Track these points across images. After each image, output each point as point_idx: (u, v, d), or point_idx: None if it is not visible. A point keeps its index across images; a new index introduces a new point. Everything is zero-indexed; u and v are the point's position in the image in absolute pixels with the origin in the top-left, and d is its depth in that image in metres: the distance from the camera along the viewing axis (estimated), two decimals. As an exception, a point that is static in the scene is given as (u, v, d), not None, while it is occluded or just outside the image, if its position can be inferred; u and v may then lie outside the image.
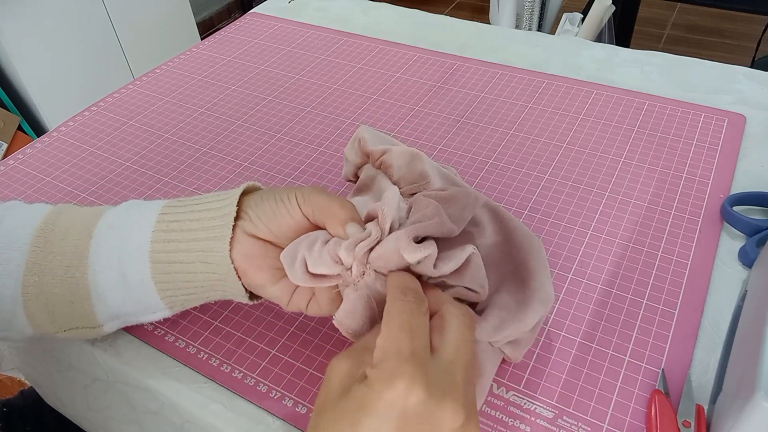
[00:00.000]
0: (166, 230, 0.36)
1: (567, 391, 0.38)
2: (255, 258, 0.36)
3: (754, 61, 1.76)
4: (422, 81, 0.68)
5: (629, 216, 0.49)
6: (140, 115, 0.66)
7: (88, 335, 0.38)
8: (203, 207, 0.37)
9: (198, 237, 0.36)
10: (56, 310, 0.37)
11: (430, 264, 0.34)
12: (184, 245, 0.36)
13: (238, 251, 0.35)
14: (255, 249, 0.36)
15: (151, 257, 0.36)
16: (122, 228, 0.37)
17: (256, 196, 0.37)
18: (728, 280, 0.44)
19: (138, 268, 0.36)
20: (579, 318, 0.42)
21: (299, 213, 0.35)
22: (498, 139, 0.58)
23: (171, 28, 2.04)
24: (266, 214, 0.36)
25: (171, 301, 0.37)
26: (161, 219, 0.36)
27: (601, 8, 1.29)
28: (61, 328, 0.38)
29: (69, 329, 0.38)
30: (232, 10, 2.69)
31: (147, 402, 0.42)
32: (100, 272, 0.36)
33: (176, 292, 0.37)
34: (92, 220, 0.38)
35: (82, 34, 1.75)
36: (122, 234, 0.37)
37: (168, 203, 0.38)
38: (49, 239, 0.37)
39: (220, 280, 0.36)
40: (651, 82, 0.65)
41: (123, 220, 0.37)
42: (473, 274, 0.35)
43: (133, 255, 0.36)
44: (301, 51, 0.76)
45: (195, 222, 0.36)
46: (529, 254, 0.40)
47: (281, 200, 0.36)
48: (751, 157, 0.55)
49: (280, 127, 0.62)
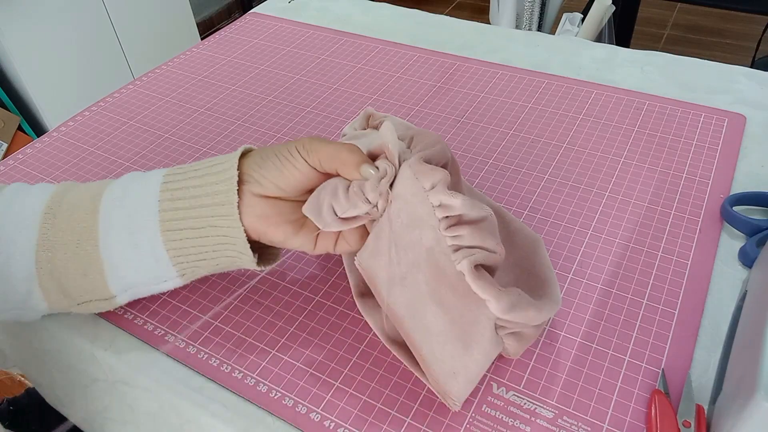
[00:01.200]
0: (171, 198, 0.37)
1: (567, 391, 0.38)
2: (270, 217, 0.37)
3: (754, 61, 1.76)
4: (422, 81, 0.68)
5: (629, 216, 0.49)
6: (140, 115, 0.66)
7: (102, 307, 0.39)
8: (203, 172, 0.37)
9: (203, 203, 0.36)
10: (70, 284, 0.37)
11: (443, 188, 0.35)
12: (193, 212, 0.36)
13: (251, 214, 0.36)
14: (267, 209, 0.37)
15: (161, 225, 0.36)
16: (128, 199, 0.37)
17: (255, 156, 0.38)
18: (728, 280, 0.44)
19: (148, 237, 0.36)
20: (579, 318, 0.42)
21: (305, 165, 0.36)
22: (498, 139, 0.58)
23: (171, 28, 2.04)
24: (272, 172, 0.36)
25: (182, 268, 0.38)
26: (165, 188, 0.37)
27: (601, 8, 1.28)
28: (75, 301, 0.38)
29: (83, 302, 0.38)
30: (232, 10, 2.69)
31: (146, 402, 0.42)
32: (111, 245, 0.37)
33: (188, 258, 0.37)
34: (97, 195, 0.38)
35: (82, 34, 1.75)
36: (129, 206, 0.37)
37: (168, 171, 0.38)
38: (58, 216, 0.38)
39: (231, 244, 0.37)
40: (651, 82, 0.65)
41: (128, 191, 0.38)
42: (491, 231, 0.36)
43: (142, 225, 0.36)
44: (301, 51, 0.75)
45: (198, 188, 0.37)
46: (535, 258, 0.40)
47: (284, 157, 0.36)
48: (751, 157, 0.55)
49: (280, 127, 0.62)
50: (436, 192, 0.35)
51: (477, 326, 0.35)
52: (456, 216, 0.35)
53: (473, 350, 0.35)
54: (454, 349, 0.34)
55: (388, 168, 0.36)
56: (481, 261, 0.35)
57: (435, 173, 0.35)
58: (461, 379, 0.35)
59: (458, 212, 0.35)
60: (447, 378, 0.35)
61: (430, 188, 0.35)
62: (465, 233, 0.35)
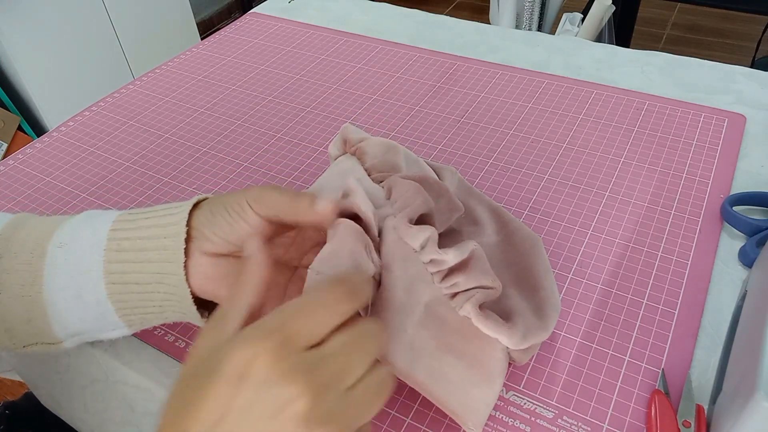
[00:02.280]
0: (118, 249, 0.34)
1: (567, 391, 0.38)
2: (221, 278, 0.34)
3: (754, 61, 1.76)
4: (422, 81, 0.68)
5: (629, 216, 0.49)
6: (140, 115, 0.66)
7: (48, 350, 0.37)
8: (152, 222, 0.35)
9: (150, 258, 0.34)
10: (14, 327, 0.35)
11: (433, 247, 0.34)
12: (138, 266, 0.34)
13: (200, 275, 0.34)
14: (219, 269, 0.34)
15: (106, 278, 0.34)
16: (74, 246, 0.35)
17: (205, 210, 0.35)
18: (728, 280, 0.44)
19: (93, 288, 0.34)
20: (579, 318, 0.42)
21: (257, 218, 0.33)
22: (498, 139, 0.58)
23: (171, 28, 2.04)
24: (222, 228, 0.33)
25: (129, 320, 0.36)
26: (112, 236, 0.34)
27: (601, 8, 1.28)
28: (20, 344, 0.36)
29: (28, 345, 0.36)
30: (232, 10, 2.69)
31: (146, 403, 0.42)
32: (55, 292, 0.34)
33: (134, 311, 0.35)
34: (46, 237, 0.36)
35: (82, 34, 1.75)
36: (75, 253, 0.35)
37: (119, 216, 0.36)
38: (3, 255, 0.35)
39: (178, 302, 0.34)
40: (651, 82, 0.65)
41: (75, 236, 0.35)
42: (482, 267, 0.35)
43: (87, 275, 0.34)
44: (301, 51, 0.75)
45: (146, 240, 0.34)
46: (533, 258, 0.40)
47: (234, 210, 0.33)
48: (751, 157, 0.55)
49: (280, 127, 0.62)
50: (426, 252, 0.35)
51: (495, 361, 0.35)
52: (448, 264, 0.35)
53: (496, 383, 0.34)
54: (479, 392, 0.34)
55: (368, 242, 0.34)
56: (482, 300, 0.35)
57: (422, 233, 0.35)
58: (485, 410, 0.34)
59: (449, 265, 0.35)
60: (470, 412, 0.34)
61: (420, 248, 0.35)
62: (460, 280, 0.35)
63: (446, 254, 0.34)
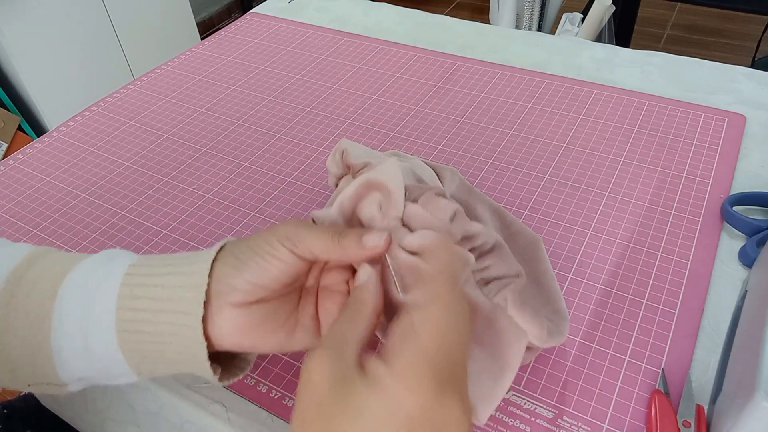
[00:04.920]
0: (132, 296, 0.32)
1: (567, 391, 0.38)
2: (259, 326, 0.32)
3: (754, 61, 1.76)
4: (422, 81, 0.68)
5: (629, 216, 0.49)
6: (140, 115, 0.66)
7: (53, 391, 0.36)
8: (170, 270, 0.33)
9: (164, 308, 0.32)
10: (18, 368, 0.34)
11: (463, 220, 0.34)
12: (151, 314, 0.32)
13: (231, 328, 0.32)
14: (254, 317, 0.32)
15: (117, 325, 0.32)
16: (86, 291, 0.33)
17: (228, 257, 0.33)
18: (728, 280, 0.44)
19: (103, 337, 0.33)
20: (579, 318, 0.42)
21: (290, 256, 0.32)
22: (498, 139, 0.58)
23: (171, 28, 2.04)
24: (253, 273, 0.32)
25: (139, 370, 0.34)
26: (126, 281, 0.33)
27: (601, 8, 1.28)
28: (24, 384, 0.35)
29: (33, 384, 0.35)
30: (232, 10, 2.69)
31: (146, 402, 0.42)
32: (62, 339, 0.33)
33: (144, 360, 0.33)
34: (59, 278, 0.34)
35: (82, 34, 1.75)
36: (86, 298, 0.33)
37: (137, 261, 0.34)
38: (15, 294, 0.34)
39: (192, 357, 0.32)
40: (651, 82, 0.65)
41: (89, 280, 0.34)
42: (508, 255, 0.36)
43: (97, 324, 0.33)
44: (301, 51, 0.75)
45: (161, 289, 0.32)
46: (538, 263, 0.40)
47: (265, 251, 0.32)
48: (751, 157, 0.55)
49: (280, 127, 0.62)
50: (457, 222, 0.35)
51: (515, 354, 0.34)
52: (477, 247, 0.35)
53: (506, 376, 0.34)
54: (494, 384, 0.34)
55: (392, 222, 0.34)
56: (519, 289, 0.34)
57: (451, 204, 0.35)
58: (494, 402, 0.34)
59: (480, 241, 0.35)
60: (482, 403, 0.34)
61: (451, 219, 0.34)
62: (492, 263, 0.35)
63: (475, 225, 0.35)
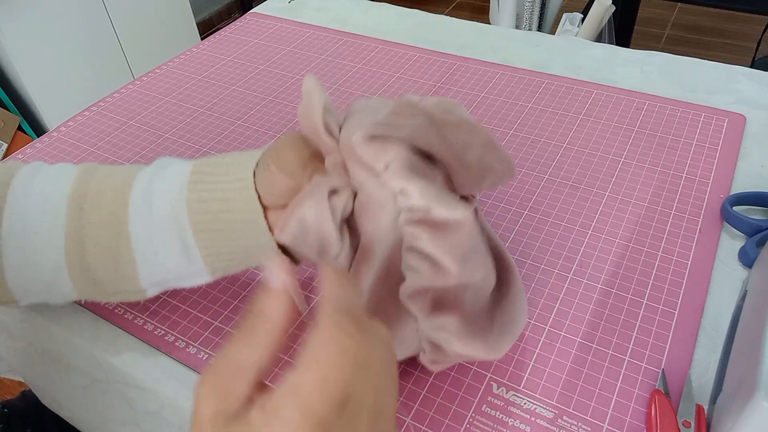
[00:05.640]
0: (199, 200, 0.36)
1: (567, 391, 0.38)
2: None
3: (754, 61, 1.76)
4: (422, 81, 0.68)
5: (629, 216, 0.49)
6: (140, 115, 0.66)
7: (131, 298, 0.39)
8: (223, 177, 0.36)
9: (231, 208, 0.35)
10: (101, 277, 0.37)
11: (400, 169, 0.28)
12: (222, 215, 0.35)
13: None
14: None
15: (193, 226, 0.36)
16: (155, 198, 0.37)
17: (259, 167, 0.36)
18: (728, 280, 0.44)
19: (180, 236, 0.36)
20: (579, 318, 0.42)
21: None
22: (498, 139, 0.58)
23: (171, 28, 2.04)
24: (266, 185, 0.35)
25: (213, 267, 0.37)
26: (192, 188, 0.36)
27: (601, 8, 1.29)
28: (105, 293, 0.38)
29: (113, 293, 0.38)
30: (232, 10, 2.69)
31: (146, 402, 0.42)
32: (142, 241, 0.36)
33: (219, 257, 0.36)
34: (126, 187, 0.37)
35: (82, 34, 1.75)
36: (159, 204, 0.36)
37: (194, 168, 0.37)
38: (84, 207, 0.37)
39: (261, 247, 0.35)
40: (651, 82, 0.65)
41: (156, 188, 0.37)
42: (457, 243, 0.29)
43: (174, 224, 0.36)
44: (301, 51, 0.75)
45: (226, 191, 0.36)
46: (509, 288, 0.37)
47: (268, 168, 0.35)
48: (751, 157, 0.55)
49: (280, 127, 0.62)
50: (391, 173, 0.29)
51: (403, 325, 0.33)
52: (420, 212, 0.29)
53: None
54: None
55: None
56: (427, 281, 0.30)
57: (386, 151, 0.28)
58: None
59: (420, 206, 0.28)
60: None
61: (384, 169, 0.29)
62: (425, 237, 0.29)
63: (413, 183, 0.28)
